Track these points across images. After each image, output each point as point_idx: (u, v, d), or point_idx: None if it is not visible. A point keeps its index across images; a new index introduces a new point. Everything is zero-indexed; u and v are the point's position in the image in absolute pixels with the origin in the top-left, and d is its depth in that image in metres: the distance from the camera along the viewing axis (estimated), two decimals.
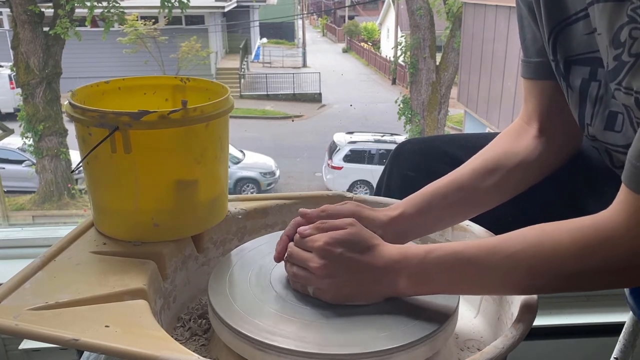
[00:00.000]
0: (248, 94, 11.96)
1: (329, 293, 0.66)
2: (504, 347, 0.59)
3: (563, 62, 0.69)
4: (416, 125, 7.00)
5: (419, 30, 6.76)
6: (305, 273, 0.67)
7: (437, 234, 0.88)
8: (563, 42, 0.68)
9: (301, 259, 0.67)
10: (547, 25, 0.70)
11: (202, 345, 0.76)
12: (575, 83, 0.69)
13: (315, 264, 0.65)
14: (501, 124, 7.18)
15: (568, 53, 0.68)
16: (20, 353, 1.05)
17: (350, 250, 0.64)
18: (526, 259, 0.58)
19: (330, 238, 0.65)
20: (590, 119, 0.68)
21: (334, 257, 0.64)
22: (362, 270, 0.64)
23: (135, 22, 8.59)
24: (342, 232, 0.66)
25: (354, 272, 0.65)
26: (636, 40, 0.53)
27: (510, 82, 6.74)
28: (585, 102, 0.68)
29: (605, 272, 0.57)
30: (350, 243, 0.65)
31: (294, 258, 0.68)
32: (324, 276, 0.65)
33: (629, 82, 0.55)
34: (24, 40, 5.52)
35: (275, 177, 7.57)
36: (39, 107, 5.70)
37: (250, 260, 0.78)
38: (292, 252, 0.69)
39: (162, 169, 0.76)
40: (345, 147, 7.65)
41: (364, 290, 0.65)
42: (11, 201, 6.15)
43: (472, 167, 0.79)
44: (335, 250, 0.64)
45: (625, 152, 0.56)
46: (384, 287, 0.65)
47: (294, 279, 0.69)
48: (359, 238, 0.65)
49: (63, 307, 0.64)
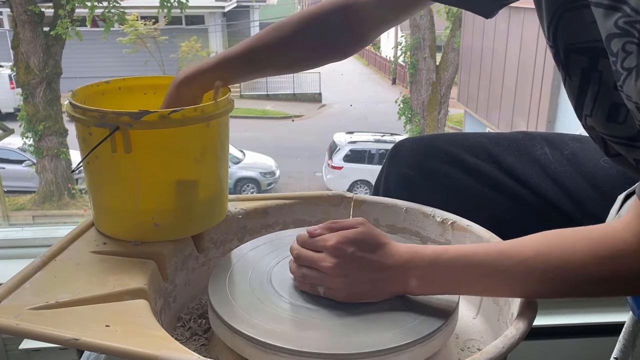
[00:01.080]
0: (248, 94, 11.94)
1: (342, 292, 0.66)
2: (504, 346, 0.59)
3: (563, 50, 0.66)
4: (416, 125, 7.01)
5: (419, 30, 6.77)
6: (317, 273, 0.67)
7: (438, 234, 0.88)
8: (565, 28, 0.65)
9: (312, 260, 0.67)
10: (547, 9, 0.66)
11: (203, 345, 0.76)
12: (575, 72, 0.66)
13: (328, 264, 0.65)
14: (501, 124, 7.17)
15: (569, 40, 0.65)
16: (20, 353, 1.05)
17: (362, 249, 0.65)
18: (538, 266, 0.59)
19: (342, 237, 0.65)
20: (590, 111, 0.66)
21: (347, 256, 0.65)
22: (374, 268, 0.65)
23: (136, 22, 8.59)
24: (353, 231, 0.66)
25: (366, 270, 0.65)
26: (629, 55, 0.51)
27: (510, 82, 6.74)
28: (586, 93, 0.66)
29: (614, 282, 0.57)
30: (361, 242, 0.65)
31: (304, 259, 0.68)
32: (337, 275, 0.65)
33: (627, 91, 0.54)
34: (24, 40, 5.52)
35: (276, 177, 7.56)
36: (39, 107, 5.69)
37: (251, 260, 0.78)
38: (300, 254, 0.68)
39: (162, 169, 0.76)
40: (345, 147, 7.64)
41: (375, 289, 0.66)
42: (11, 201, 6.14)
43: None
44: (347, 249, 0.64)
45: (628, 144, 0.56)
46: (394, 286, 0.66)
47: (304, 280, 0.68)
48: (370, 237, 0.66)
49: (63, 307, 0.64)
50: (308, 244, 0.68)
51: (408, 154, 0.93)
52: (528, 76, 6.26)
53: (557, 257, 0.58)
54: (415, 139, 1.01)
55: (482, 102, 7.83)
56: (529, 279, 0.60)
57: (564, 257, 0.58)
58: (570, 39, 0.65)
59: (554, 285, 0.60)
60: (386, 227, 0.93)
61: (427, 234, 0.90)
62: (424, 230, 0.90)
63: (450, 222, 0.86)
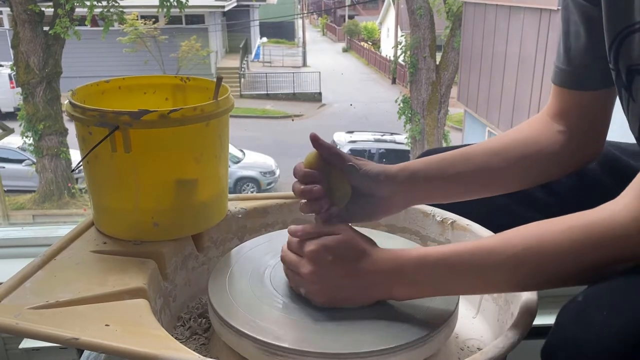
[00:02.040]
0: (248, 94, 11.97)
1: (320, 297, 0.66)
2: (504, 346, 0.59)
3: (625, 72, 0.65)
4: (416, 124, 7.01)
5: (419, 30, 6.77)
6: (298, 277, 0.67)
7: (437, 234, 0.88)
8: (627, 50, 0.64)
9: (292, 263, 0.67)
10: (609, 32, 0.65)
11: (202, 344, 0.76)
12: (638, 94, 0.63)
13: (305, 270, 0.65)
14: (501, 124, 7.18)
15: (631, 62, 0.63)
16: (20, 352, 1.05)
17: (341, 257, 0.64)
18: (529, 259, 0.58)
19: (321, 245, 0.65)
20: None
21: (324, 264, 0.64)
22: (354, 276, 0.64)
23: (135, 22, 8.60)
24: (334, 238, 0.65)
25: (345, 277, 0.65)
26: None
27: (510, 82, 6.75)
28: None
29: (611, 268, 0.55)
30: (341, 249, 0.64)
31: (286, 261, 0.69)
32: (314, 282, 0.65)
33: None
34: (24, 39, 5.52)
35: (275, 177, 7.57)
36: (39, 107, 5.70)
37: (250, 260, 0.78)
38: (284, 256, 0.69)
39: (162, 168, 0.76)
40: (345, 147, 7.66)
41: (355, 295, 0.65)
42: (11, 200, 6.15)
43: (487, 144, 0.77)
44: (326, 257, 0.64)
45: None
46: (378, 292, 0.65)
47: (289, 279, 0.70)
48: (351, 244, 0.65)
49: (63, 306, 0.64)
50: (292, 246, 0.68)
51: None
52: (528, 76, 6.27)
53: (547, 248, 0.57)
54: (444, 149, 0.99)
55: (482, 101, 7.83)
56: (521, 273, 0.59)
57: (555, 248, 0.56)
58: (633, 61, 0.63)
59: (548, 277, 0.59)
60: (386, 227, 0.93)
61: (427, 233, 0.90)
62: (424, 230, 0.90)
63: (450, 221, 0.86)
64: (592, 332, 0.48)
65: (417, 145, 6.99)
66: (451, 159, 0.76)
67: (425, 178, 0.74)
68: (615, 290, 0.51)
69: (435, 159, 0.76)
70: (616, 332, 0.47)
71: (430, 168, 0.75)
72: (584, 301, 0.51)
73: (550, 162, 0.77)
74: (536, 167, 0.77)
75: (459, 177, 0.75)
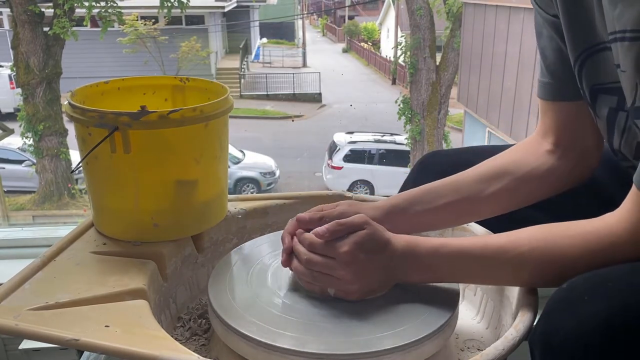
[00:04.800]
0: (248, 94, 11.96)
1: (356, 295, 0.67)
2: (505, 348, 0.59)
3: (589, 91, 0.67)
4: (416, 125, 7.00)
5: (419, 30, 6.76)
6: (331, 279, 0.67)
7: (437, 233, 0.88)
8: (590, 69, 0.66)
9: (325, 266, 0.67)
10: (572, 51, 0.67)
11: (202, 345, 0.76)
12: (602, 112, 0.66)
13: (342, 271, 0.66)
14: (501, 124, 7.18)
15: (594, 81, 0.66)
16: (20, 353, 1.05)
17: (372, 251, 0.66)
18: (533, 260, 0.62)
19: (353, 244, 0.66)
20: (619, 146, 0.66)
21: (359, 262, 0.66)
22: (383, 266, 0.67)
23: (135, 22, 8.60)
24: (361, 234, 0.66)
25: (376, 270, 0.67)
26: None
27: (510, 82, 6.74)
28: (613, 131, 0.66)
29: None
30: (370, 244, 0.66)
31: (315, 264, 0.67)
32: (353, 282, 0.66)
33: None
34: (24, 40, 5.53)
35: (275, 177, 7.57)
36: (39, 107, 5.70)
37: (250, 260, 0.78)
38: (311, 259, 0.67)
39: (161, 169, 0.76)
40: (345, 147, 7.65)
41: (384, 282, 0.68)
42: (11, 201, 6.15)
43: (477, 171, 0.78)
44: (359, 255, 0.65)
45: None
46: (397, 276, 0.68)
47: (314, 281, 0.68)
48: (377, 237, 0.66)
49: (63, 307, 0.64)
50: (318, 248, 0.67)
51: (437, 167, 0.91)
52: (528, 76, 6.27)
53: (550, 251, 0.61)
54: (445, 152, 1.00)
55: (482, 102, 7.83)
56: (523, 272, 0.64)
57: (557, 252, 0.61)
58: (595, 80, 0.66)
59: (547, 277, 0.62)
60: None
61: (426, 233, 0.90)
62: None
63: None
64: (574, 317, 0.51)
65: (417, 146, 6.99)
66: (439, 190, 0.77)
67: (402, 211, 0.76)
68: (598, 278, 0.54)
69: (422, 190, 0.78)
70: (596, 316, 0.50)
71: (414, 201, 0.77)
72: (567, 288, 0.55)
73: (542, 182, 0.77)
74: (526, 189, 0.77)
75: (445, 208, 0.77)
